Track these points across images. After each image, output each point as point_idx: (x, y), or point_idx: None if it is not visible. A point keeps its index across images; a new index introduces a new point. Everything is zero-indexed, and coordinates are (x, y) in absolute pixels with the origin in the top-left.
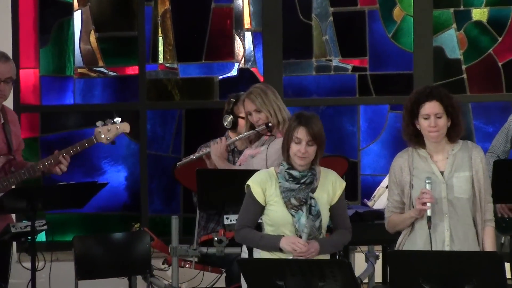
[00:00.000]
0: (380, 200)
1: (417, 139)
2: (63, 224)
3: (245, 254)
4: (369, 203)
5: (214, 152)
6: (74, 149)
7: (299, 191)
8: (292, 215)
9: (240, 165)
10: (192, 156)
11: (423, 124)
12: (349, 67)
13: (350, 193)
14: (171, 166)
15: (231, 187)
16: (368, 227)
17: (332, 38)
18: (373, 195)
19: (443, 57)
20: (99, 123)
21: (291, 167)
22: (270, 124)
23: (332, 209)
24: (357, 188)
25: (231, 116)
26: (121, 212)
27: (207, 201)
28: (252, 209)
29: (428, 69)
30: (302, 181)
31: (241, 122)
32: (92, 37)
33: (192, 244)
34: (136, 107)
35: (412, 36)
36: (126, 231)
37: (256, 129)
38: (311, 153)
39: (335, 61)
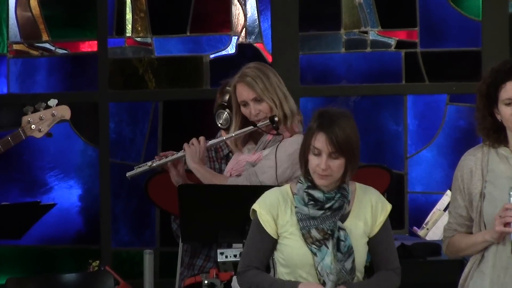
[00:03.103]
0: (436, 228)
1: (497, 135)
2: None
3: None
4: (420, 232)
5: (191, 158)
6: None
7: (323, 219)
8: (313, 253)
9: (230, 175)
10: (148, 164)
11: (506, 112)
12: (392, 42)
13: (393, 218)
14: (143, 181)
15: (226, 209)
16: (418, 266)
17: (369, 1)
18: (426, 221)
19: None
20: (27, 109)
21: (313, 185)
22: (276, 119)
23: (372, 242)
24: (404, 211)
25: (228, 111)
26: (74, 245)
27: (193, 228)
28: (260, 244)
29: (502, 44)
30: (328, 205)
31: None
32: (33, 1)
33: None
34: (94, 98)
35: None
36: (80, 270)
37: (258, 125)
38: (335, 170)
39: (373, 34)
